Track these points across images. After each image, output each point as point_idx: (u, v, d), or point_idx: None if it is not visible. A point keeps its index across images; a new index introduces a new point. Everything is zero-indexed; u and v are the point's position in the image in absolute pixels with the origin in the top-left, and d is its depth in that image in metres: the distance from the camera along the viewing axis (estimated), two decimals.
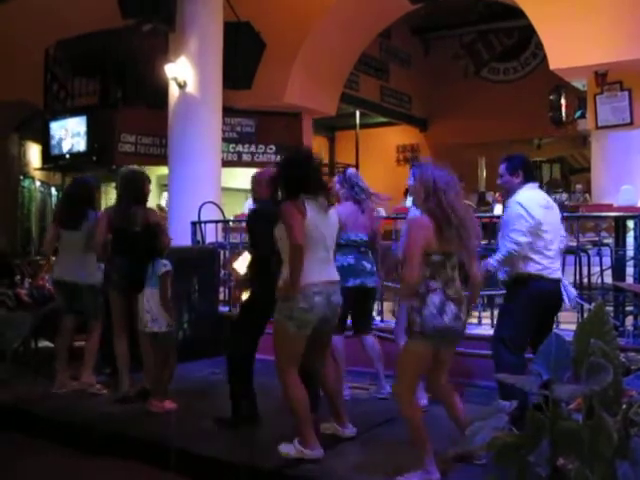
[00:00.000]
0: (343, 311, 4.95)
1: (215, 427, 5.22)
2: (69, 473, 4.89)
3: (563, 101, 13.39)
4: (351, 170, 6.23)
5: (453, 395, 4.45)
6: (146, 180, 6.38)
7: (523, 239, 4.70)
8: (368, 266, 5.95)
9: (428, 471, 4.04)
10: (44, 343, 7.60)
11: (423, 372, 4.21)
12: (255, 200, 5.64)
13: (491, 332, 6.28)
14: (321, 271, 4.46)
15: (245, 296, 5.64)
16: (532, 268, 4.76)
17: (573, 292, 5.03)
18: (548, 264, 4.80)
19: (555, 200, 8.52)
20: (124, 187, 6.26)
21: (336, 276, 4.61)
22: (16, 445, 5.46)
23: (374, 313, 7.05)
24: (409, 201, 5.75)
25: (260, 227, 5.15)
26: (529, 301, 4.75)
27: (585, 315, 4.80)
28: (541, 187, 5.20)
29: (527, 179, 4.96)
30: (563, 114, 13.85)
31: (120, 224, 6.10)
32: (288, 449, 4.51)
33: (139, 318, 5.72)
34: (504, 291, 5.10)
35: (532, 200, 4.84)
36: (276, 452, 4.54)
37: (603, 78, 9.69)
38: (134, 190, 6.22)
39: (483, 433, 3.02)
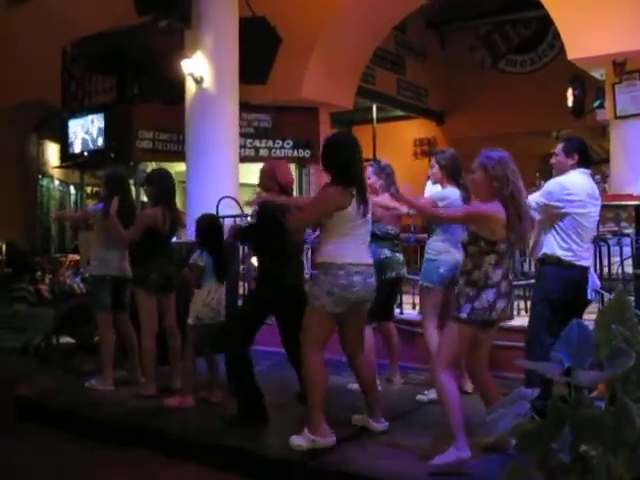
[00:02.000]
0: (382, 301, 4.95)
1: (223, 424, 5.19)
2: (90, 464, 4.92)
3: (581, 92, 13.27)
4: (384, 161, 6.24)
5: (489, 380, 4.45)
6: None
7: (536, 208, 4.72)
8: (401, 257, 6.06)
9: (459, 448, 4.04)
10: (65, 339, 7.67)
11: (461, 354, 4.25)
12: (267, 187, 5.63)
13: (519, 323, 6.31)
14: (361, 253, 4.56)
15: None
16: (563, 253, 4.72)
17: (597, 283, 5.00)
18: (580, 252, 4.76)
19: None
20: (170, 186, 6.29)
21: (371, 260, 4.69)
22: (39, 438, 5.51)
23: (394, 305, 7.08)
24: (430, 188, 5.75)
25: (264, 222, 5.22)
26: (555, 285, 4.72)
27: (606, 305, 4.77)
28: (593, 176, 5.12)
29: (581, 164, 4.90)
30: (581, 104, 13.72)
31: (164, 225, 6.12)
32: (300, 441, 4.51)
33: (193, 313, 5.72)
34: (524, 282, 5.11)
35: (576, 184, 4.78)
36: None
37: (622, 67, 9.61)
38: (173, 191, 6.31)
39: (505, 420, 3.01)
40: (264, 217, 5.30)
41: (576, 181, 4.81)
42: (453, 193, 5.44)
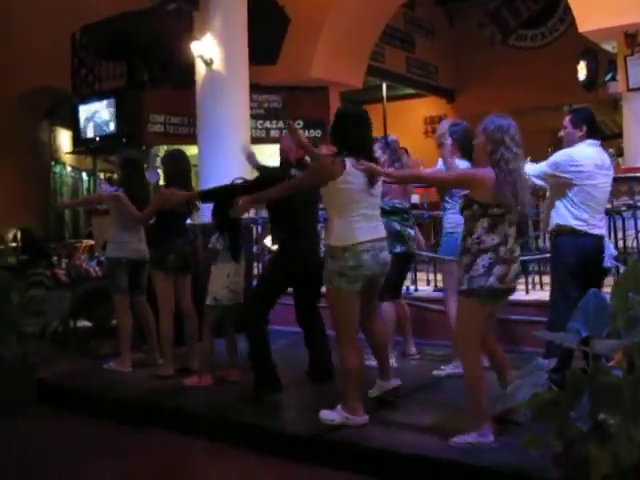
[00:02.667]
0: (392, 277, 4.96)
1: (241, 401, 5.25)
2: (110, 444, 4.99)
3: (594, 64, 13.15)
4: (392, 137, 6.24)
5: (500, 350, 4.43)
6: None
7: (544, 177, 4.75)
8: (412, 232, 6.05)
9: (483, 434, 4.01)
10: (83, 322, 7.73)
11: (481, 328, 4.13)
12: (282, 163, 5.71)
13: (533, 297, 6.30)
14: (369, 229, 4.54)
15: None
16: (576, 223, 4.71)
17: (613, 251, 4.99)
18: (592, 221, 4.73)
19: None
20: (185, 167, 6.31)
21: (383, 233, 4.67)
22: (58, 420, 5.58)
23: (408, 282, 7.11)
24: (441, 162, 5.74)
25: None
26: (571, 254, 4.71)
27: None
28: (603, 146, 5.04)
29: (590, 135, 4.86)
30: (594, 77, 13.61)
31: (180, 206, 6.15)
32: (332, 415, 4.54)
33: (212, 294, 5.73)
34: (540, 256, 5.10)
35: (584, 155, 4.75)
36: (311, 420, 4.59)
37: (633, 39, 9.54)
38: (188, 172, 6.33)
39: (523, 391, 3.04)
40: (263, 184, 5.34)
41: (584, 153, 4.78)
42: (461, 164, 5.42)
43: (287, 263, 5.33)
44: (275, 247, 5.65)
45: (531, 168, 4.74)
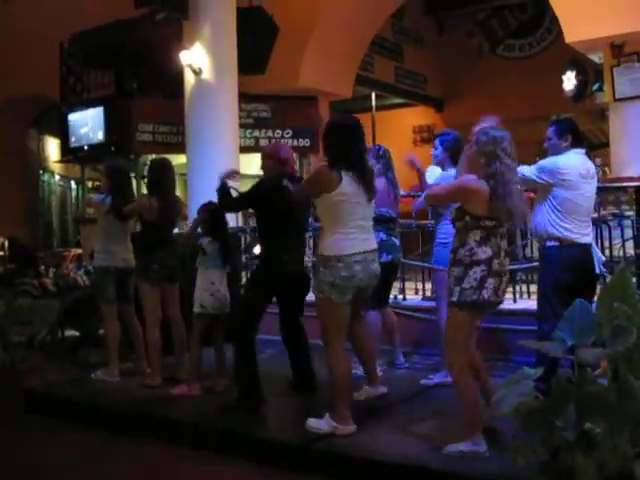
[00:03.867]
0: (378, 286, 4.99)
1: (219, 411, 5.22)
2: (99, 453, 4.97)
3: (584, 75, 13.23)
4: (383, 146, 6.25)
5: (481, 362, 4.43)
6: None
7: (528, 178, 4.75)
8: (397, 242, 6.06)
9: (476, 443, 3.99)
10: (70, 332, 7.70)
11: (464, 339, 4.12)
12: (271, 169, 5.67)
13: (521, 306, 6.31)
14: (362, 240, 4.55)
15: None
16: (562, 232, 4.74)
17: (601, 257, 5.03)
18: (578, 230, 4.77)
19: None
20: (164, 176, 6.26)
21: (375, 245, 4.70)
22: (47, 429, 5.56)
23: (396, 291, 7.12)
24: (432, 170, 5.75)
25: (269, 200, 5.27)
26: (559, 267, 4.73)
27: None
28: (588, 155, 5.09)
29: (575, 144, 4.90)
30: (582, 88, 13.70)
31: (164, 215, 6.13)
32: (318, 424, 4.53)
33: (198, 301, 5.74)
34: (527, 265, 5.13)
35: (570, 166, 4.78)
36: (298, 428, 4.58)
37: (620, 50, 9.61)
38: (172, 180, 6.32)
39: (509, 400, 3.05)
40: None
41: (570, 162, 4.82)
42: (453, 173, 5.43)
43: (269, 275, 5.30)
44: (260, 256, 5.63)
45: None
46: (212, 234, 5.82)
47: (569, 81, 13.36)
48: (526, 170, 4.80)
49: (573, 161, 4.84)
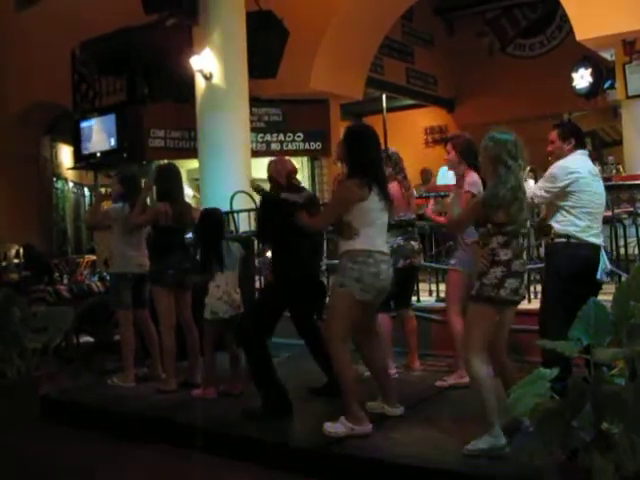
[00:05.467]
0: (399, 290, 4.98)
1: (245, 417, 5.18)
2: (114, 459, 4.98)
3: (598, 72, 13.11)
4: (393, 149, 6.24)
5: (509, 363, 4.40)
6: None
7: (546, 193, 4.77)
8: (415, 245, 6.05)
9: (495, 436, 3.99)
10: (85, 338, 7.73)
11: (487, 335, 4.14)
12: (272, 186, 5.71)
13: (535, 306, 6.28)
14: (384, 243, 4.67)
15: None
16: (573, 229, 4.73)
17: (608, 265, 4.99)
18: (589, 229, 4.76)
19: None
20: (174, 182, 6.32)
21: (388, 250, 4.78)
22: (62, 435, 5.58)
23: None
24: (445, 174, 5.73)
25: (268, 214, 5.32)
26: (565, 263, 4.72)
27: None
28: (591, 157, 5.13)
29: (578, 147, 4.93)
30: (597, 85, 13.58)
31: (176, 221, 6.16)
32: (335, 428, 4.52)
33: (209, 307, 5.77)
34: (541, 264, 5.11)
35: (578, 163, 4.81)
36: (316, 433, 4.57)
37: (632, 46, 9.54)
38: (181, 185, 6.36)
39: (525, 400, 3.03)
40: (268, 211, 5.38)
41: (578, 162, 4.84)
42: (474, 177, 5.40)
43: (285, 290, 5.28)
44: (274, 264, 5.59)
45: (530, 193, 4.74)
46: (203, 240, 5.85)
47: (582, 79, 13.23)
48: (536, 191, 4.84)
49: (581, 160, 4.87)
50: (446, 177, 5.64)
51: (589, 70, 13.04)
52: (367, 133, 4.81)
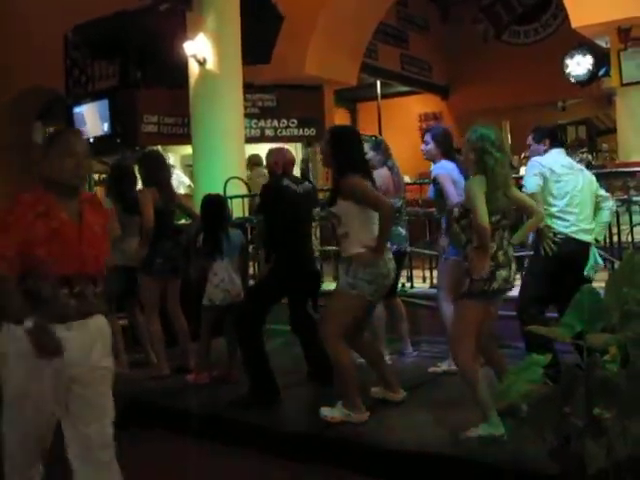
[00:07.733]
0: None
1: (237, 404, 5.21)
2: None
3: (597, 60, 13.07)
4: (380, 137, 6.27)
5: (497, 352, 4.46)
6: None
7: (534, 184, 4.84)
8: (403, 231, 6.07)
9: (492, 424, 4.03)
10: None
11: (477, 329, 4.16)
12: (270, 174, 5.78)
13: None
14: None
15: None
16: (560, 223, 4.83)
17: (600, 262, 5.04)
18: (576, 223, 4.83)
19: (581, 160, 8.49)
20: (160, 169, 6.29)
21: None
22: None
23: (404, 279, 7.09)
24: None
25: (274, 202, 5.33)
26: (550, 257, 4.83)
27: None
28: (568, 154, 5.31)
29: (554, 146, 5.11)
30: (590, 72, 13.54)
31: (166, 207, 6.12)
32: (332, 413, 4.56)
33: (207, 295, 5.78)
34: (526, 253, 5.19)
35: (550, 160, 4.95)
36: (310, 418, 4.59)
37: (627, 34, 9.55)
38: (167, 171, 6.36)
39: (517, 386, 3.03)
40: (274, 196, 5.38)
41: (550, 157, 4.99)
42: (448, 166, 5.55)
43: (282, 280, 5.30)
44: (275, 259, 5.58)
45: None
46: (204, 227, 5.87)
47: (579, 65, 13.17)
48: (531, 184, 4.89)
49: (553, 156, 5.01)
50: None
51: (587, 57, 13.00)
52: (350, 132, 4.98)
